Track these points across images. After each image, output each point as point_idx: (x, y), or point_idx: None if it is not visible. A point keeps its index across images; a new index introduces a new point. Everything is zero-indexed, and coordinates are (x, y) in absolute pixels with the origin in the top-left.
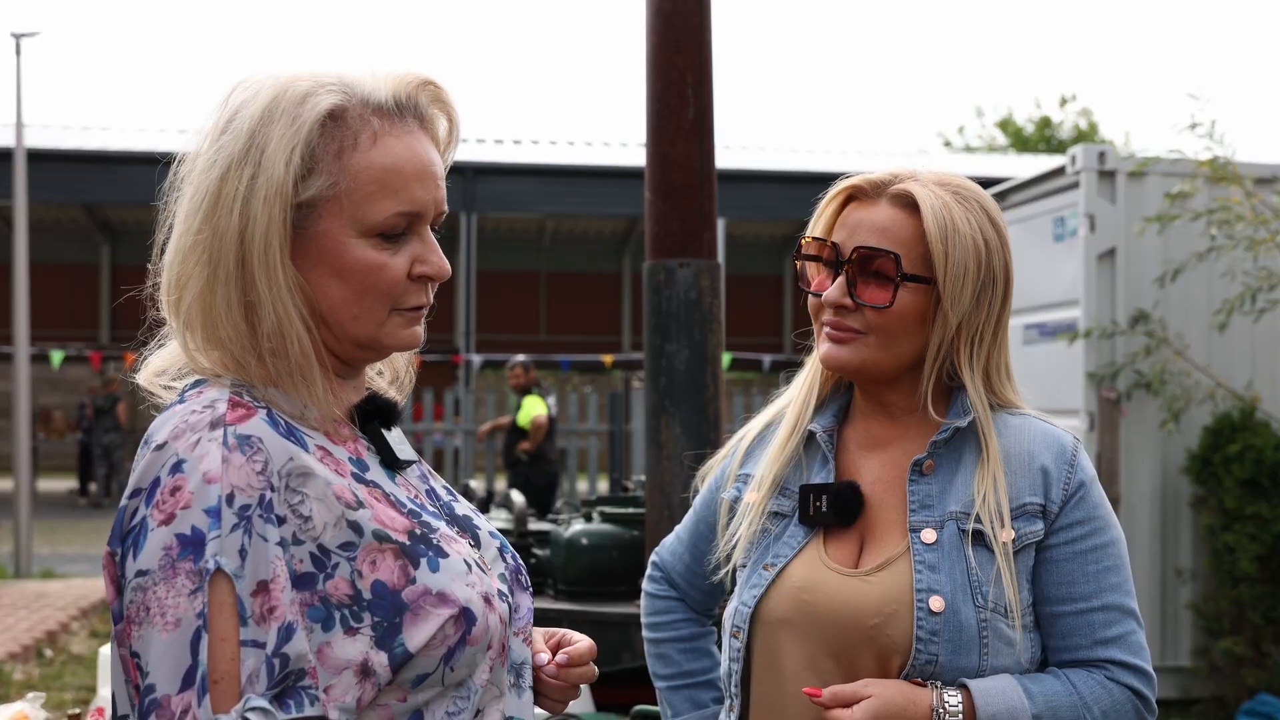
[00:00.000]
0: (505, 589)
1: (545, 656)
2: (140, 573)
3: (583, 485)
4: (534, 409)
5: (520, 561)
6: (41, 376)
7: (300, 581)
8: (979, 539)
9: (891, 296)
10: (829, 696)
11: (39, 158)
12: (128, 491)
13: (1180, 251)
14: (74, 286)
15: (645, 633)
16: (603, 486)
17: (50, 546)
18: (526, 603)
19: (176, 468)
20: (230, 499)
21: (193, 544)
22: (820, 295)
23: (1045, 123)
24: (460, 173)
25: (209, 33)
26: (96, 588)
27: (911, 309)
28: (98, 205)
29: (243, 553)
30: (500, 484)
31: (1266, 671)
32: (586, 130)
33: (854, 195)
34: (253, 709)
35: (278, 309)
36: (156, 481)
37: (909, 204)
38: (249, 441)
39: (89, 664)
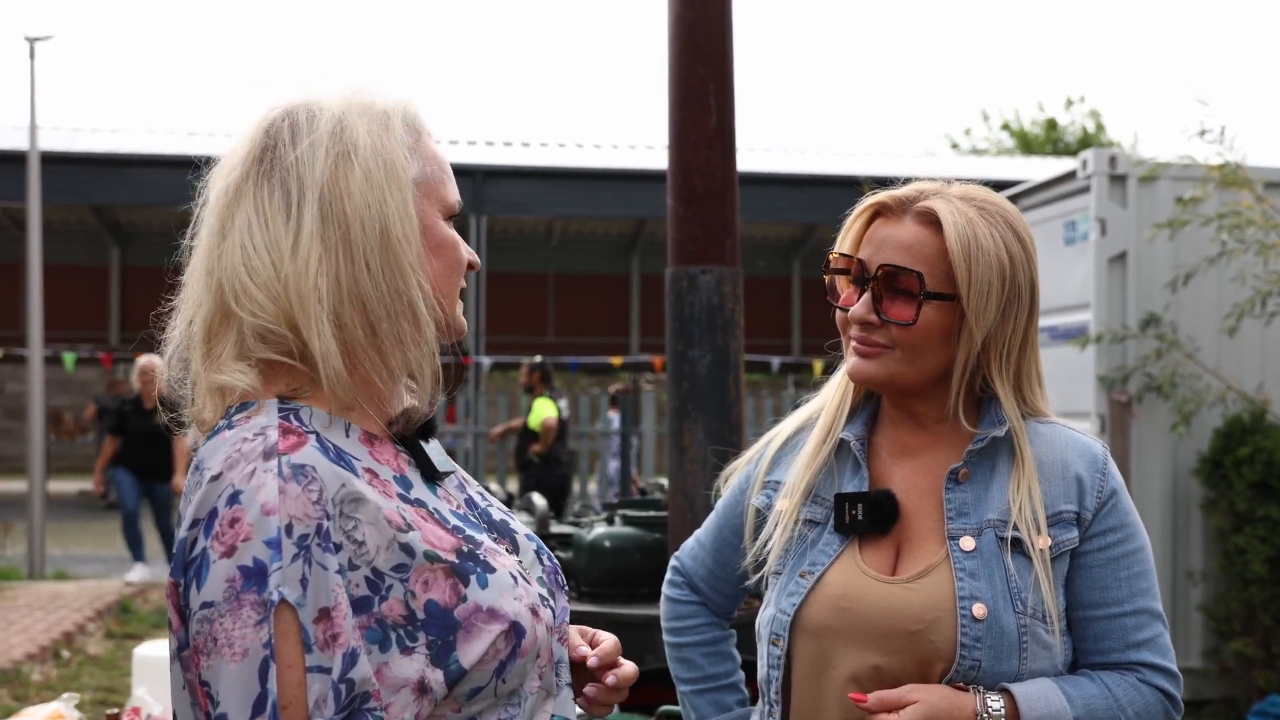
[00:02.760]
0: (545, 592)
1: (586, 649)
2: (206, 604)
3: (593, 487)
4: (545, 411)
5: (556, 562)
6: (51, 378)
7: (357, 605)
8: (1016, 546)
9: (915, 314)
10: (875, 702)
11: (50, 160)
12: (186, 522)
13: (1191, 255)
14: (84, 288)
15: (667, 637)
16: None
17: (63, 548)
18: (563, 603)
19: (234, 499)
20: (289, 529)
21: (255, 575)
22: (848, 310)
23: (1052, 125)
24: (470, 174)
25: (218, 36)
26: (110, 589)
27: (936, 325)
28: (107, 207)
29: (304, 582)
30: (511, 485)
31: (1277, 673)
32: (595, 133)
33: (880, 211)
34: None
35: (424, 285)
36: (214, 513)
37: (933, 221)
38: (303, 471)
39: (105, 665)
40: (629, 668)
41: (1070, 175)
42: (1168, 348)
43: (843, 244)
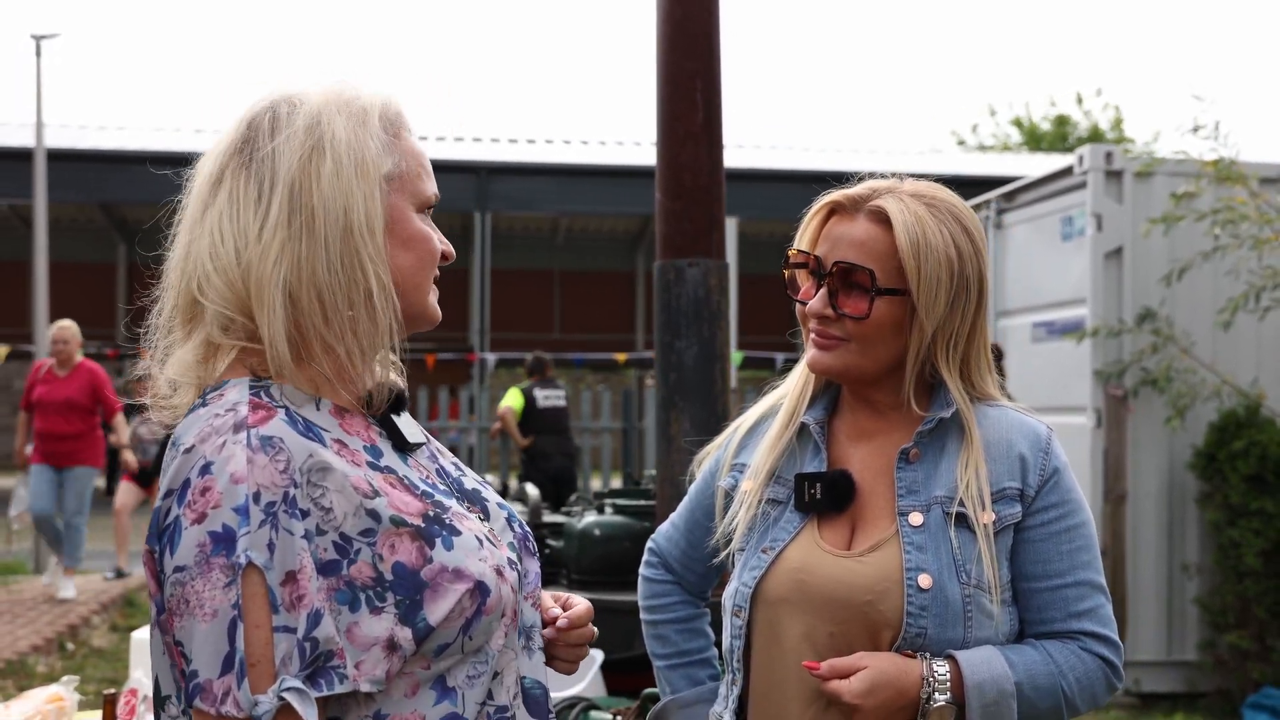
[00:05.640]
0: (514, 557)
1: (558, 611)
2: (178, 568)
3: (596, 483)
4: (504, 401)
5: (527, 529)
6: None
7: (326, 568)
8: (962, 521)
9: (869, 308)
10: (827, 669)
11: (57, 157)
12: (161, 493)
13: (1186, 250)
14: (90, 285)
15: (643, 615)
16: (616, 483)
17: (92, 544)
18: (534, 568)
19: (205, 470)
20: (257, 497)
21: (224, 540)
22: (806, 304)
23: (1064, 119)
24: (474, 172)
25: (224, 33)
26: (116, 583)
27: (888, 318)
28: (114, 204)
29: (271, 546)
30: (513, 481)
31: (1271, 665)
32: (599, 130)
33: (835, 209)
34: (288, 689)
35: (382, 277)
36: (187, 483)
37: (884, 219)
38: (271, 442)
39: (110, 657)
40: (582, 605)
41: (1067, 171)
42: (1163, 342)
43: (801, 240)
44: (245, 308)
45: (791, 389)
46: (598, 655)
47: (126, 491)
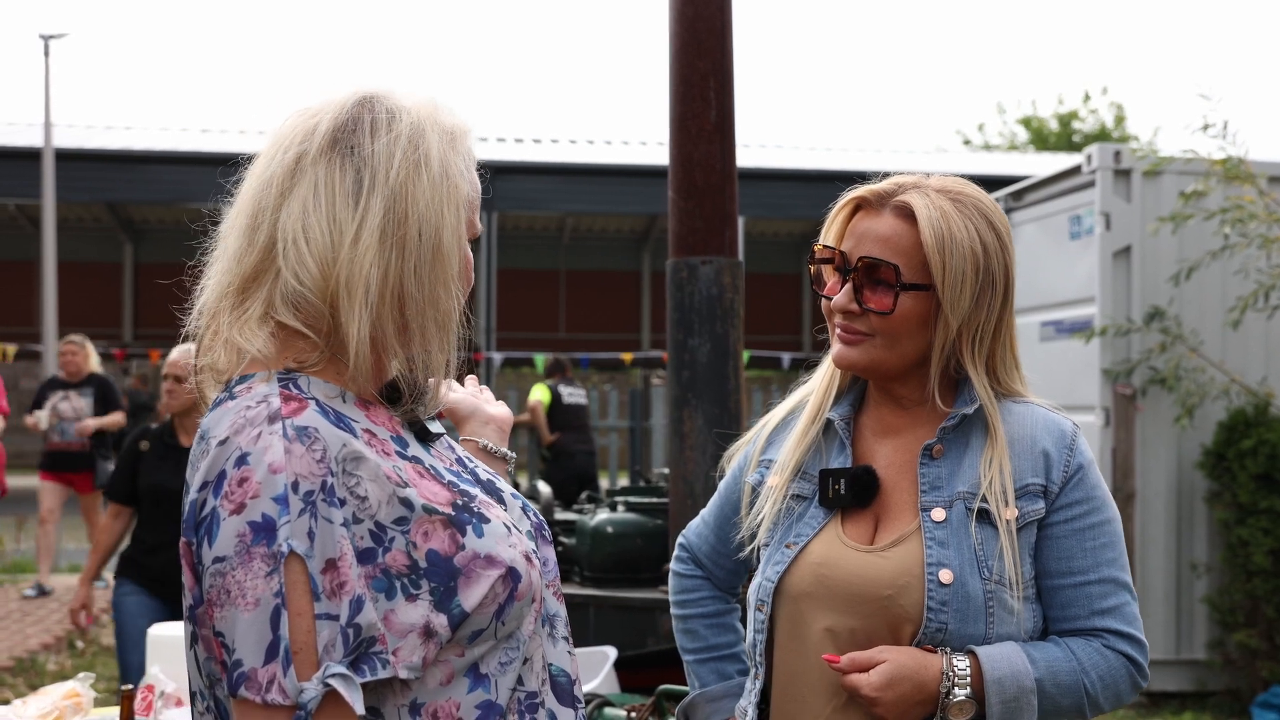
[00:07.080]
0: (533, 545)
1: None
2: (218, 559)
3: (604, 482)
4: (531, 396)
5: (541, 518)
6: None
7: (363, 556)
8: (984, 517)
9: (893, 303)
10: (847, 662)
11: (65, 157)
12: (195, 485)
13: (1194, 249)
14: (97, 285)
15: (674, 610)
16: (624, 483)
17: (76, 542)
18: (551, 556)
19: (241, 460)
20: (295, 486)
21: (265, 530)
22: (832, 300)
23: (1072, 117)
24: (480, 171)
25: (232, 34)
26: None
27: (913, 313)
28: (121, 204)
29: (311, 535)
30: (522, 480)
31: None
32: (606, 129)
33: (861, 205)
34: (333, 675)
35: (458, 298)
36: (223, 474)
37: (909, 215)
38: (307, 432)
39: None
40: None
41: (1075, 170)
42: (1172, 341)
43: (826, 236)
44: (330, 298)
45: (817, 385)
46: (611, 652)
47: (51, 493)
